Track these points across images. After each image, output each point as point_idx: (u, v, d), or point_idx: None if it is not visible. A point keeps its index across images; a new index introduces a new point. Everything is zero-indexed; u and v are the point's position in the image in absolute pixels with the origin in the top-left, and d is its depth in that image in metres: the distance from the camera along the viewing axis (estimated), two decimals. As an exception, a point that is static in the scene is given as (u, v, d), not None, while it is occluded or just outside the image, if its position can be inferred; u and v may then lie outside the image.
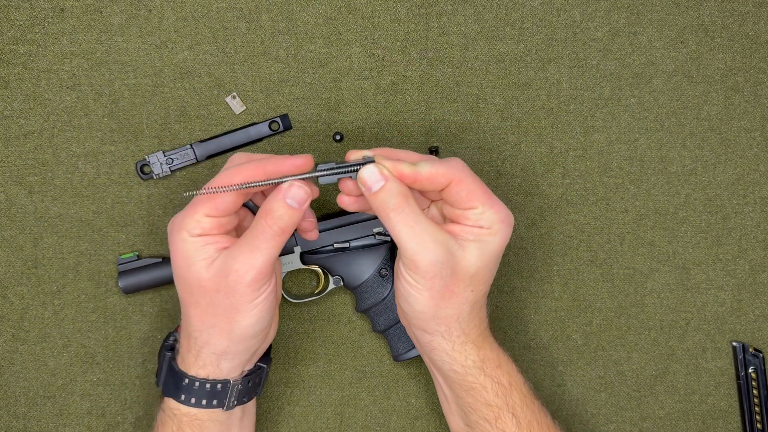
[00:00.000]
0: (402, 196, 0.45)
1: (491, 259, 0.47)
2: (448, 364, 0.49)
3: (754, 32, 0.59)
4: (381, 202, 0.45)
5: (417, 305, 0.47)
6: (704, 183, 0.60)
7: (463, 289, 0.46)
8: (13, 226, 0.56)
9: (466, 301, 0.47)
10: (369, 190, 0.45)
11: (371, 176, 0.45)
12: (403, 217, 0.45)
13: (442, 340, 0.48)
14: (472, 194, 0.46)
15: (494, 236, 0.46)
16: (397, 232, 0.45)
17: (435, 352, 0.49)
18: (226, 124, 0.57)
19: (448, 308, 0.47)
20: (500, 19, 0.57)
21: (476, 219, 0.46)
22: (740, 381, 0.60)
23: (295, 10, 0.56)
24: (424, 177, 0.45)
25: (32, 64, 0.55)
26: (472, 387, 0.49)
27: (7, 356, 0.57)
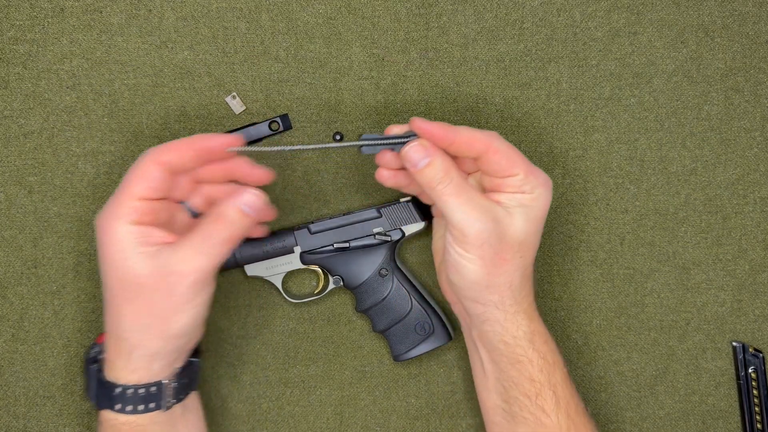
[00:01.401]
0: (447, 170, 0.46)
1: (537, 223, 0.48)
2: (499, 335, 0.49)
3: (754, 32, 0.59)
4: (427, 178, 0.47)
5: (470, 275, 0.47)
6: (704, 183, 0.60)
7: (513, 255, 0.47)
8: (13, 226, 0.56)
9: (517, 267, 0.48)
10: (414, 166, 0.47)
11: (416, 154, 0.47)
12: (449, 189, 0.46)
13: (496, 310, 0.49)
14: (511, 161, 0.47)
15: (537, 201, 0.48)
16: (444, 203, 0.46)
17: (487, 324, 0.49)
18: (226, 124, 0.57)
19: (500, 276, 0.48)
20: (500, 19, 0.57)
21: (518, 185, 0.47)
22: (740, 381, 0.60)
23: (295, 10, 0.56)
24: (462, 140, 0.47)
25: (32, 64, 0.55)
26: (519, 360, 0.49)
27: (7, 356, 0.57)
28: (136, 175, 0.45)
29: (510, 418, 0.50)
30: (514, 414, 0.50)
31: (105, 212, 0.45)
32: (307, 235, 0.55)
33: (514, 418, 0.50)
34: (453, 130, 0.47)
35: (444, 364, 0.60)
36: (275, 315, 0.59)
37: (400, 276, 0.56)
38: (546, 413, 0.49)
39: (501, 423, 0.51)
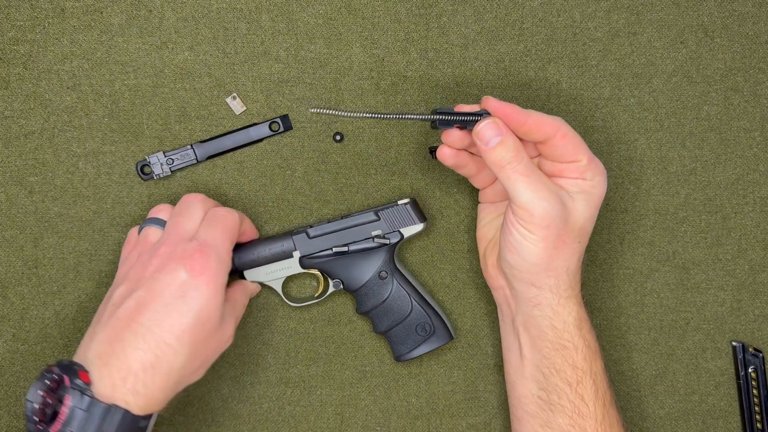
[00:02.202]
0: (517, 150, 0.47)
1: (595, 210, 0.50)
2: (549, 320, 0.50)
3: (753, 32, 0.59)
4: (497, 157, 0.47)
5: (530, 257, 0.48)
6: (704, 183, 0.60)
7: (573, 239, 0.48)
8: (13, 226, 0.56)
9: (575, 252, 0.49)
10: (486, 144, 0.47)
11: (489, 131, 0.47)
12: (519, 168, 0.47)
13: (550, 293, 0.49)
14: (577, 148, 0.48)
15: (596, 188, 0.49)
16: (512, 183, 0.47)
17: (538, 308, 0.50)
18: (226, 125, 0.57)
19: (560, 259, 0.48)
20: (500, 20, 0.57)
21: (581, 171, 0.48)
22: (740, 381, 0.60)
23: (295, 10, 0.56)
24: (532, 122, 0.47)
25: (33, 65, 0.55)
26: (565, 346, 0.50)
27: (7, 356, 0.57)
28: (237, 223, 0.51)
29: (547, 407, 0.50)
30: (552, 403, 0.50)
31: (218, 249, 0.49)
32: (305, 239, 0.55)
33: (551, 407, 0.50)
34: (524, 112, 0.47)
35: (444, 364, 0.60)
36: (276, 315, 0.59)
37: (399, 278, 0.56)
38: (585, 402, 0.49)
39: (535, 413, 0.51)
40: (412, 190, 0.58)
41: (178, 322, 0.45)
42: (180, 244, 0.48)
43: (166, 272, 0.46)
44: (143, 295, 0.46)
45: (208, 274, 0.47)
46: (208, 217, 0.50)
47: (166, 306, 0.45)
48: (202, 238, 0.48)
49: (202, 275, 0.46)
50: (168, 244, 0.48)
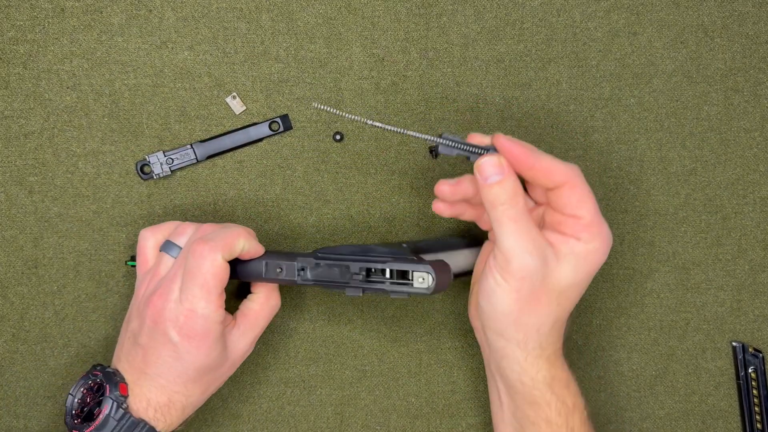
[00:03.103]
0: (515, 194, 0.45)
1: (584, 278, 0.47)
2: (517, 374, 0.48)
3: (754, 32, 0.59)
4: (492, 195, 0.45)
5: (500, 305, 0.46)
6: (704, 183, 0.60)
7: (550, 300, 0.46)
8: (13, 226, 0.56)
9: (550, 313, 0.47)
10: (485, 180, 0.45)
11: (491, 167, 0.45)
12: (510, 213, 0.45)
13: (517, 348, 0.47)
14: (582, 201, 0.46)
15: (590, 255, 0.46)
16: (499, 225, 0.45)
17: (506, 360, 0.48)
18: (226, 125, 0.57)
19: (531, 316, 0.46)
20: (500, 19, 0.57)
21: (578, 230, 0.46)
22: (740, 381, 0.60)
23: (295, 10, 0.56)
24: (541, 166, 0.45)
25: (32, 64, 0.55)
26: (536, 402, 0.48)
27: (7, 356, 0.57)
28: (221, 266, 0.48)
29: None
30: None
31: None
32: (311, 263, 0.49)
33: None
34: (535, 156, 0.45)
35: (444, 363, 0.60)
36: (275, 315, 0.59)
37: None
38: None
39: None
40: (412, 189, 0.58)
41: (182, 374, 0.48)
42: (168, 302, 0.48)
43: (159, 331, 0.47)
44: (146, 344, 0.48)
45: (198, 339, 0.47)
46: (187, 270, 0.47)
47: (165, 362, 0.48)
48: (186, 299, 0.47)
49: (192, 339, 0.47)
50: (160, 295, 0.48)
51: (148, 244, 0.52)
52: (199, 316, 0.47)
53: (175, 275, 0.48)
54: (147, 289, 0.50)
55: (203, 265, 0.47)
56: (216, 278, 0.47)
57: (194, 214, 0.57)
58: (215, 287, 0.47)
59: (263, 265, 0.50)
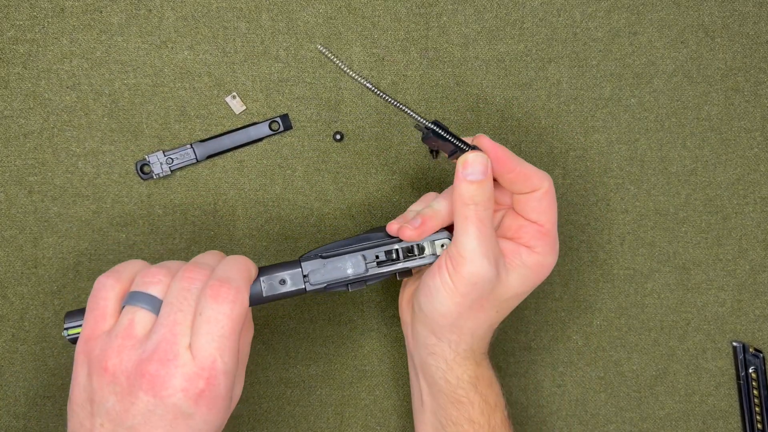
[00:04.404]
0: (490, 198, 0.44)
1: (528, 289, 0.47)
2: (442, 372, 0.48)
3: (754, 32, 0.59)
4: (470, 192, 0.44)
5: (441, 307, 0.45)
6: (704, 183, 0.60)
7: (491, 308, 0.46)
8: (13, 226, 0.56)
9: (488, 319, 0.47)
10: (467, 175, 0.44)
11: (478, 165, 0.44)
12: (479, 215, 0.44)
13: (448, 348, 0.47)
14: (549, 209, 0.46)
15: (538, 268, 0.46)
16: (464, 225, 0.44)
17: (433, 357, 0.48)
18: (226, 124, 0.57)
19: (469, 321, 0.46)
20: (500, 19, 0.57)
21: (536, 238, 0.46)
22: (740, 381, 0.60)
23: (295, 9, 0.56)
24: (520, 171, 0.45)
25: (32, 64, 0.55)
26: (460, 401, 0.48)
27: (7, 356, 0.57)
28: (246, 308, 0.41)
29: None
30: None
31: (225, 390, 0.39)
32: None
33: None
34: (515, 160, 0.45)
35: (444, 364, 0.60)
36: (275, 315, 0.59)
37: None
38: None
39: None
40: (412, 189, 0.58)
41: None
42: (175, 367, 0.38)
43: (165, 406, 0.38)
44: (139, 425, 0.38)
45: (219, 402, 0.39)
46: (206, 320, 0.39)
47: None
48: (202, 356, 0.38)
49: (213, 406, 0.39)
50: (160, 360, 0.38)
51: (110, 296, 0.41)
52: (221, 373, 0.39)
53: (173, 332, 0.39)
54: (126, 358, 0.39)
55: (232, 310, 0.39)
56: (239, 323, 0.40)
57: (194, 214, 0.57)
58: (235, 333, 0.40)
59: (260, 283, 0.44)
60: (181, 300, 0.40)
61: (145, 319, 0.40)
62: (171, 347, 0.38)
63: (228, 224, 0.57)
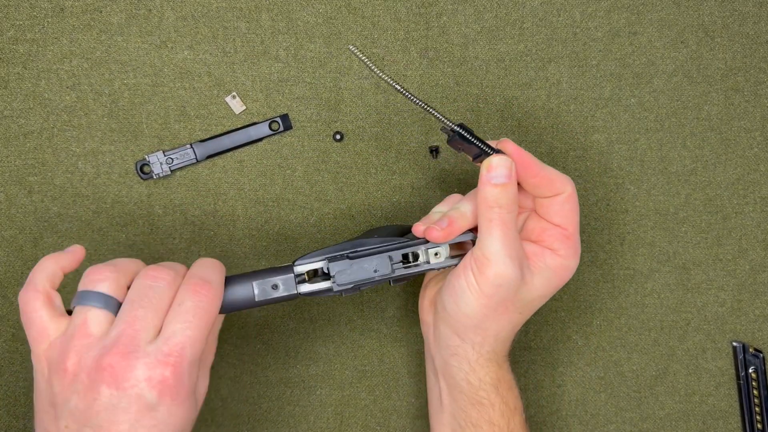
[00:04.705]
0: (514, 200, 0.45)
1: (551, 291, 0.47)
2: (464, 374, 0.48)
3: (754, 32, 0.59)
4: (494, 195, 0.44)
5: (466, 308, 0.46)
6: (704, 183, 0.60)
7: (515, 309, 0.46)
8: (13, 226, 0.56)
9: (511, 321, 0.47)
10: (491, 179, 0.44)
11: (503, 168, 0.44)
12: (503, 217, 0.44)
13: (471, 349, 0.47)
14: (572, 213, 0.46)
15: (562, 270, 0.47)
16: (490, 227, 0.44)
17: (455, 359, 0.48)
18: (226, 124, 0.57)
19: (493, 322, 0.46)
20: (500, 19, 0.57)
21: (558, 242, 0.46)
22: (740, 381, 0.60)
23: (295, 9, 0.56)
24: (544, 175, 0.45)
25: (32, 64, 0.55)
26: (481, 403, 0.48)
27: (7, 356, 0.57)
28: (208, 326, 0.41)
29: None
30: None
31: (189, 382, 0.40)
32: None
33: None
34: (540, 165, 0.45)
35: (444, 364, 0.60)
36: (275, 315, 0.59)
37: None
38: None
39: None
40: (412, 189, 0.58)
41: None
42: (137, 358, 0.38)
43: (128, 398, 0.37)
44: (104, 421, 0.37)
45: (183, 392, 0.39)
46: (185, 303, 0.40)
47: None
48: (172, 342, 0.39)
49: (177, 396, 0.38)
50: (120, 353, 0.38)
51: (37, 306, 0.40)
52: (188, 363, 0.39)
53: (134, 327, 0.38)
54: (85, 355, 0.38)
55: (210, 306, 0.40)
56: (211, 322, 0.41)
57: (194, 214, 0.57)
58: (207, 328, 0.40)
59: (251, 288, 0.44)
60: (143, 297, 0.40)
61: (98, 317, 0.40)
62: (131, 341, 0.38)
63: (228, 224, 0.57)
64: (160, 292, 0.40)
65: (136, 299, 0.40)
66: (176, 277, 0.42)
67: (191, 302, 0.40)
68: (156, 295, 0.40)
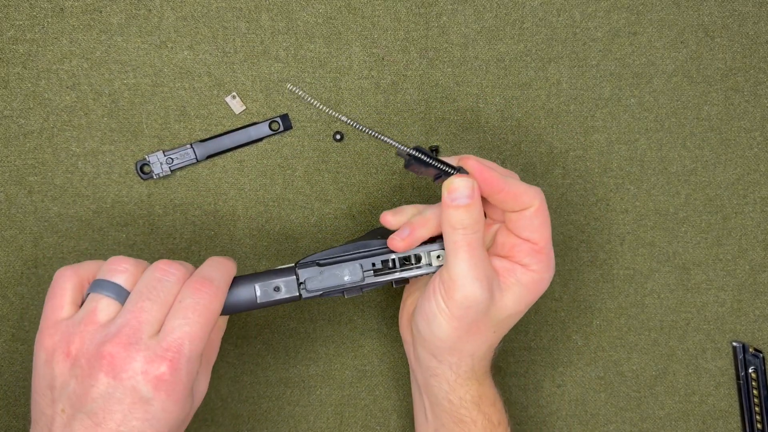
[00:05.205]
0: (478, 221, 0.43)
1: (524, 308, 0.47)
2: (445, 393, 0.48)
3: (754, 32, 0.59)
4: (456, 218, 0.43)
5: (439, 331, 0.45)
6: (704, 183, 0.60)
7: (488, 329, 0.46)
8: (13, 226, 0.56)
9: (486, 340, 0.46)
10: (453, 200, 0.43)
11: (463, 189, 0.43)
12: (468, 239, 0.43)
13: (449, 370, 0.47)
14: (542, 227, 0.45)
15: (535, 285, 0.46)
16: (455, 249, 0.43)
17: (435, 379, 0.48)
18: (226, 124, 0.57)
19: (467, 343, 0.46)
20: (500, 19, 0.57)
21: (531, 255, 0.45)
22: (740, 381, 0.60)
23: (295, 9, 0.56)
24: (510, 190, 0.44)
25: (32, 64, 0.55)
26: (463, 420, 0.48)
27: (7, 356, 0.57)
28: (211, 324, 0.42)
29: None
30: None
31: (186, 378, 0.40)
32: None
33: None
34: (504, 180, 0.44)
35: (444, 364, 0.60)
36: (276, 315, 0.59)
37: None
38: None
39: None
40: (412, 189, 0.58)
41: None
42: (136, 350, 0.38)
43: (123, 389, 0.38)
44: (99, 409, 0.38)
45: (179, 389, 0.39)
46: (185, 300, 0.40)
47: (130, 429, 0.38)
48: (171, 337, 0.39)
49: (172, 392, 0.38)
50: (120, 343, 0.38)
51: (66, 286, 0.42)
52: (185, 359, 0.39)
53: (138, 319, 0.39)
54: (89, 341, 0.39)
55: (211, 304, 0.41)
56: (213, 320, 0.41)
57: (194, 214, 0.57)
58: (208, 326, 0.40)
59: (254, 289, 0.45)
60: (151, 289, 0.40)
61: (109, 306, 0.40)
62: (134, 332, 0.39)
63: (228, 224, 0.57)
64: (168, 286, 0.41)
65: (144, 291, 0.40)
66: (186, 274, 0.42)
67: (191, 299, 0.40)
68: (164, 288, 0.41)
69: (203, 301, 0.40)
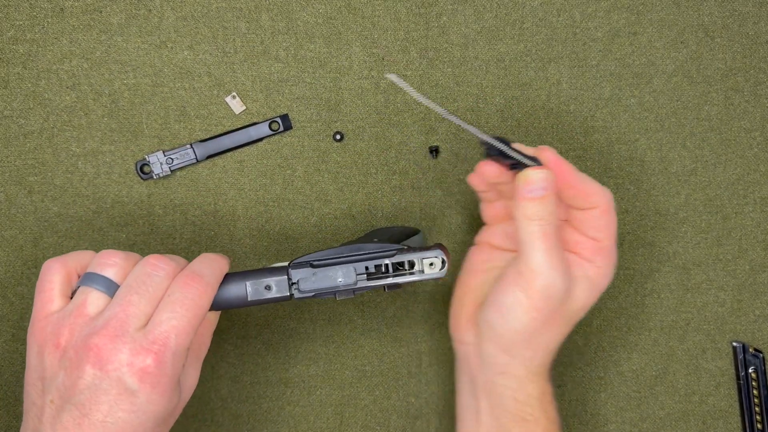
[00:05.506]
0: (553, 211, 0.44)
1: (593, 300, 0.47)
2: (512, 391, 0.47)
3: (754, 32, 0.59)
4: (532, 209, 0.43)
5: (516, 323, 0.45)
6: (704, 183, 0.60)
7: (563, 320, 0.46)
8: (13, 226, 0.56)
9: (560, 333, 0.47)
10: (528, 192, 0.43)
11: (540, 181, 0.43)
12: (545, 230, 0.43)
13: (521, 366, 0.47)
14: (608, 227, 0.46)
15: (601, 279, 0.46)
16: (531, 241, 0.43)
17: (503, 377, 0.47)
18: (226, 124, 0.57)
19: (543, 336, 0.46)
20: (500, 19, 0.57)
21: (595, 252, 0.46)
22: (740, 381, 0.60)
23: (295, 9, 0.56)
24: (582, 188, 0.45)
25: (32, 64, 0.55)
26: (526, 419, 0.47)
27: (7, 356, 0.57)
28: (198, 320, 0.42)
29: None
30: None
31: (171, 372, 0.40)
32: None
33: None
34: (578, 176, 0.45)
35: (444, 363, 0.60)
36: (276, 315, 0.59)
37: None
38: None
39: None
40: (412, 189, 0.58)
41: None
42: (122, 342, 0.38)
43: (109, 380, 0.38)
44: (86, 401, 0.38)
45: (164, 382, 0.39)
46: (174, 294, 0.40)
47: (116, 421, 0.38)
48: (158, 330, 0.39)
49: (158, 385, 0.38)
50: (107, 335, 0.38)
51: (54, 279, 0.42)
52: (171, 353, 0.39)
53: (126, 312, 0.39)
54: (78, 333, 0.39)
55: (200, 299, 0.41)
56: (201, 315, 0.41)
57: (194, 214, 0.57)
58: (195, 321, 0.41)
59: (245, 287, 0.44)
60: (140, 283, 0.41)
61: (98, 300, 0.41)
62: (121, 325, 0.39)
63: (228, 224, 0.57)
64: (158, 281, 0.41)
65: (133, 285, 0.41)
66: (176, 269, 0.42)
67: (180, 293, 0.40)
68: (153, 283, 0.41)
69: (191, 295, 0.41)
